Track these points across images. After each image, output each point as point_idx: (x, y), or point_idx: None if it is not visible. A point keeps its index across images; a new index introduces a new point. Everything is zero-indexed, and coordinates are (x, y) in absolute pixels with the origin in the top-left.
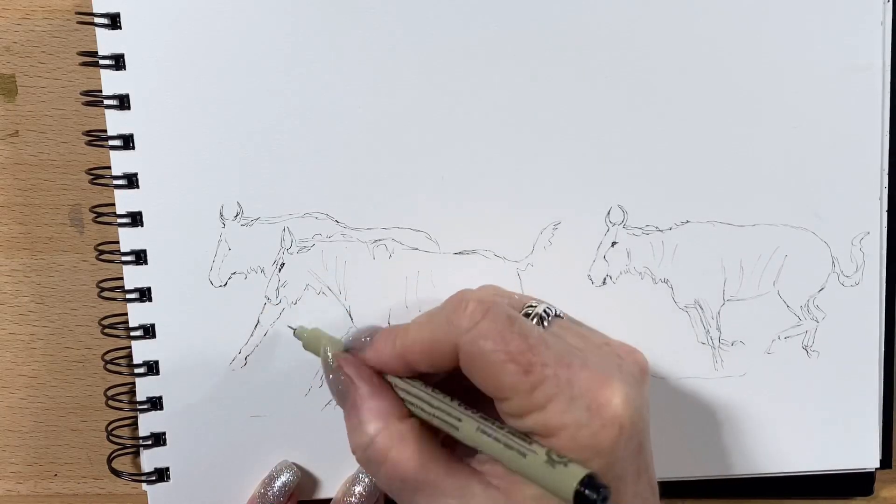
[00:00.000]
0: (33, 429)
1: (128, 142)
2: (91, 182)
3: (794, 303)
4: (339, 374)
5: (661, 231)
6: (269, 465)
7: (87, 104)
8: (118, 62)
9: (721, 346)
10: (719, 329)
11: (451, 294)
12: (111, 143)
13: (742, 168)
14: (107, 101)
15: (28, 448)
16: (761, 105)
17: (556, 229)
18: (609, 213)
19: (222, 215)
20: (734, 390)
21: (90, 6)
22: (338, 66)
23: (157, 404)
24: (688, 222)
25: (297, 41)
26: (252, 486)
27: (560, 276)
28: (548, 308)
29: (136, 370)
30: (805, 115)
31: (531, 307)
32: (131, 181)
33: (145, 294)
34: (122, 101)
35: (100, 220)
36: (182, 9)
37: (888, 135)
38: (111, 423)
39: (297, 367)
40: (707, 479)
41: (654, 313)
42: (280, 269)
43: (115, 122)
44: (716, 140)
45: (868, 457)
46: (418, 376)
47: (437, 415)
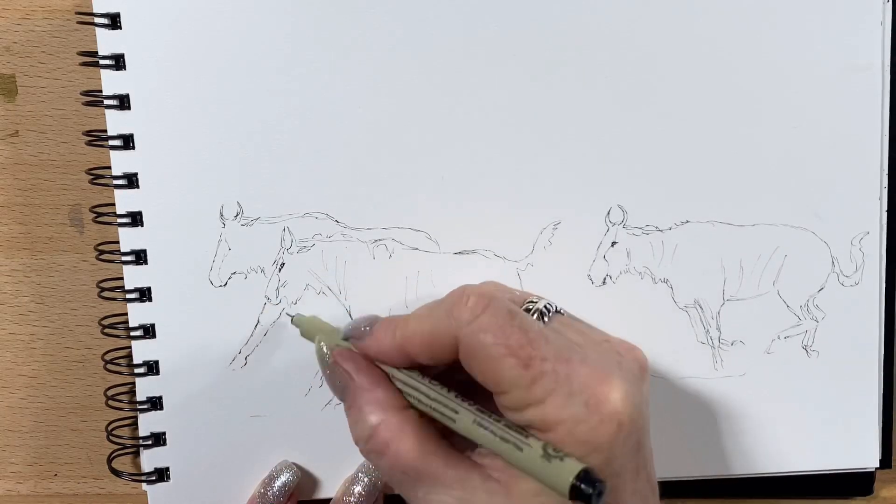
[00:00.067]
0: (33, 429)
1: (128, 142)
2: (91, 182)
3: (793, 302)
4: (336, 368)
5: (661, 231)
6: (269, 465)
7: (87, 104)
8: (118, 62)
9: (721, 345)
10: (719, 329)
11: None
12: (111, 143)
13: (742, 168)
14: (107, 101)
15: (28, 448)
16: (761, 105)
17: (556, 229)
18: (609, 213)
19: (222, 215)
20: (734, 390)
21: (90, 6)
22: (338, 66)
23: (157, 404)
24: (688, 222)
25: (297, 41)
26: (252, 486)
27: (560, 276)
28: (548, 304)
29: (136, 370)
30: (805, 115)
31: (532, 303)
32: (131, 181)
33: (145, 294)
34: (122, 101)
35: (100, 220)
36: (182, 9)
37: (888, 135)
38: (111, 423)
39: (297, 367)
40: (707, 479)
41: (654, 313)
42: (280, 269)
43: (115, 122)
44: (716, 140)
45: (868, 456)
46: (416, 368)
47: (434, 406)
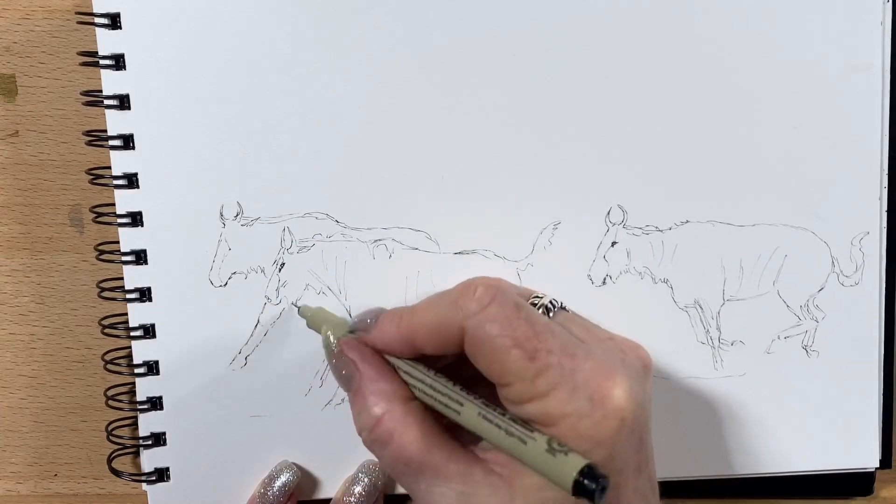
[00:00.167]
0: (33, 429)
1: (128, 142)
2: (91, 182)
3: (793, 303)
4: (342, 357)
5: (661, 231)
6: (269, 465)
7: (87, 104)
8: (118, 62)
9: (721, 345)
10: (719, 329)
11: None
12: (111, 143)
13: (742, 168)
14: (107, 101)
15: (28, 448)
16: (761, 105)
17: (556, 229)
18: (609, 213)
19: (222, 215)
20: (734, 390)
21: (90, 6)
22: (338, 66)
23: (157, 404)
24: (688, 222)
25: (297, 41)
26: (252, 486)
27: (560, 276)
28: (553, 300)
29: (136, 370)
30: (805, 115)
31: (537, 298)
32: (131, 181)
33: (145, 294)
34: (122, 101)
35: (100, 220)
36: (182, 9)
37: (888, 135)
38: (111, 423)
39: (297, 367)
40: (707, 479)
41: (654, 313)
42: (280, 269)
43: (115, 122)
44: (716, 140)
45: (868, 457)
46: (421, 360)
47: (439, 398)
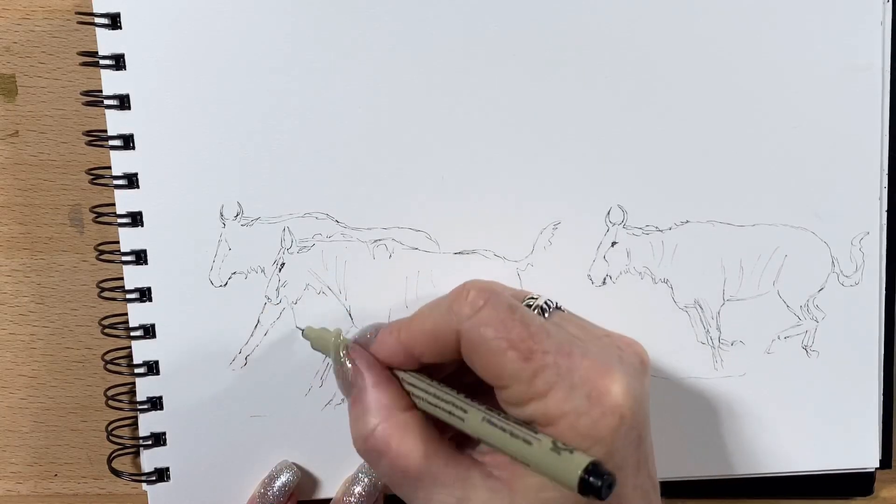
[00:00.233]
0: (33, 429)
1: (128, 142)
2: (91, 182)
3: (793, 303)
4: (346, 362)
5: (661, 231)
6: (269, 465)
7: (87, 104)
8: (118, 62)
9: (721, 345)
10: (719, 329)
11: None
12: (111, 143)
13: (742, 168)
14: (107, 101)
15: (28, 448)
16: (761, 105)
17: (556, 229)
18: (609, 213)
19: (222, 215)
20: (734, 390)
21: (90, 6)
22: (338, 66)
23: (157, 404)
24: (688, 222)
25: (297, 41)
26: (252, 486)
27: (560, 276)
28: (548, 301)
29: (136, 370)
30: (805, 115)
31: (532, 299)
32: (131, 181)
33: (145, 294)
34: (122, 101)
35: (100, 220)
36: (182, 9)
37: (888, 135)
38: (111, 423)
39: (297, 367)
40: (707, 479)
41: (654, 313)
42: (280, 269)
43: (115, 122)
44: (716, 140)
45: (868, 457)
46: (423, 370)
47: (442, 407)
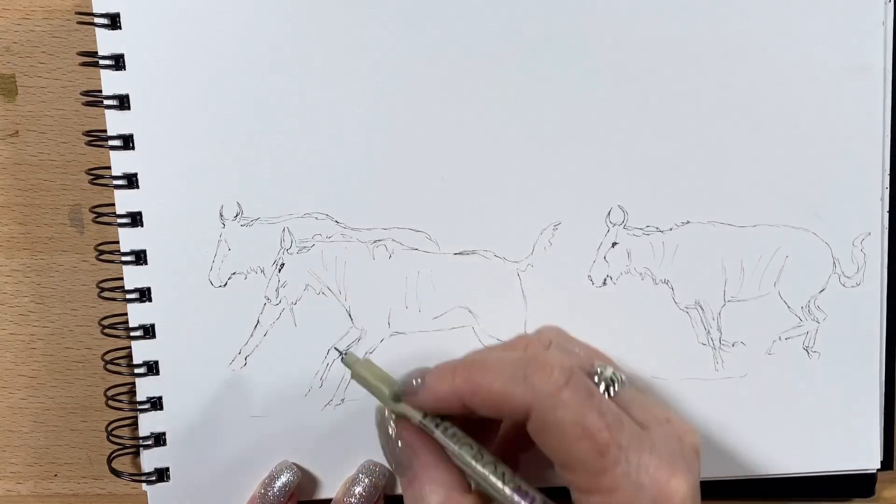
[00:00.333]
0: (33, 429)
1: (128, 142)
2: (91, 182)
3: (794, 303)
4: (398, 441)
5: (662, 232)
6: (269, 465)
7: (87, 104)
8: (118, 62)
9: (722, 346)
10: (720, 330)
11: (452, 296)
12: (111, 143)
13: (743, 168)
14: (107, 101)
15: (28, 448)
16: (762, 105)
17: (556, 230)
18: (609, 214)
19: (222, 215)
20: (735, 391)
21: (90, 6)
22: (338, 67)
23: (157, 404)
24: (688, 223)
25: (297, 41)
26: (252, 486)
27: (560, 277)
28: (615, 374)
29: (136, 370)
30: (805, 115)
31: (599, 369)
32: (131, 181)
33: (145, 294)
34: (122, 101)
35: (100, 220)
36: (182, 9)
37: (889, 135)
38: (111, 423)
39: (297, 367)
40: (707, 480)
41: (655, 314)
42: (280, 270)
43: (115, 122)
44: (716, 141)
45: (869, 458)
46: (453, 415)
47: (478, 472)
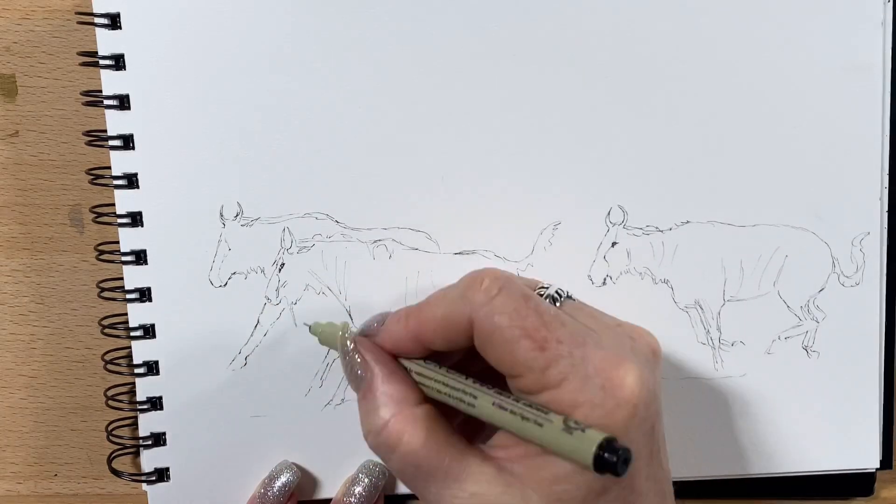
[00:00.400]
0: (33, 429)
1: (128, 142)
2: (91, 182)
3: (794, 303)
4: (355, 356)
5: (662, 231)
6: (269, 465)
7: (87, 104)
8: (118, 62)
9: (721, 346)
10: (719, 329)
11: None
12: (111, 143)
13: (742, 168)
14: (107, 101)
15: (28, 448)
16: (761, 105)
17: (556, 229)
18: (609, 214)
19: (222, 215)
20: (734, 391)
21: (90, 6)
22: (338, 67)
23: (157, 404)
24: (688, 222)
25: (297, 41)
26: (252, 486)
27: (560, 277)
28: (559, 290)
29: (136, 370)
30: (805, 115)
31: (543, 288)
32: (131, 181)
33: (145, 294)
34: (122, 101)
35: (100, 220)
36: (182, 9)
37: (888, 135)
38: (111, 423)
39: (297, 367)
40: (707, 479)
41: (655, 314)
42: (280, 269)
43: (115, 122)
44: (716, 140)
45: (868, 457)
46: (432, 357)
47: (452, 394)
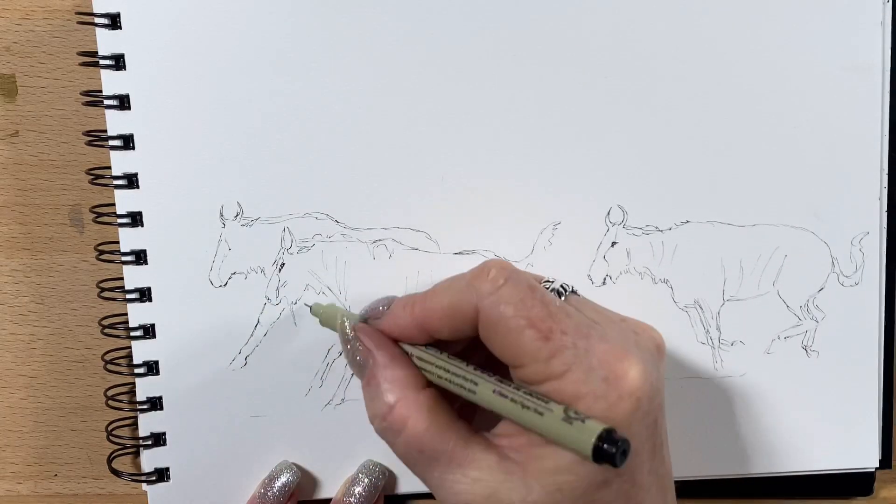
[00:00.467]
0: (33, 429)
1: (128, 142)
2: (91, 182)
3: (793, 303)
4: (356, 343)
5: (661, 231)
6: (269, 465)
7: (87, 104)
8: (118, 62)
9: (721, 345)
10: (719, 329)
11: None
12: (111, 143)
13: (742, 168)
14: (107, 101)
15: (28, 448)
16: (761, 105)
17: (555, 229)
18: (609, 213)
19: (222, 215)
20: (734, 390)
21: (90, 6)
22: (338, 67)
23: (157, 404)
24: (688, 222)
25: (297, 41)
26: (252, 486)
27: (560, 276)
28: (564, 284)
29: (136, 370)
30: (805, 115)
31: (548, 282)
32: (131, 181)
33: (145, 294)
34: (122, 101)
35: (100, 220)
36: (182, 9)
37: (888, 135)
38: (111, 423)
39: (297, 367)
40: (707, 479)
41: (654, 313)
42: (280, 269)
43: (115, 122)
44: (716, 140)
45: (868, 457)
46: (434, 344)
47: (453, 380)
